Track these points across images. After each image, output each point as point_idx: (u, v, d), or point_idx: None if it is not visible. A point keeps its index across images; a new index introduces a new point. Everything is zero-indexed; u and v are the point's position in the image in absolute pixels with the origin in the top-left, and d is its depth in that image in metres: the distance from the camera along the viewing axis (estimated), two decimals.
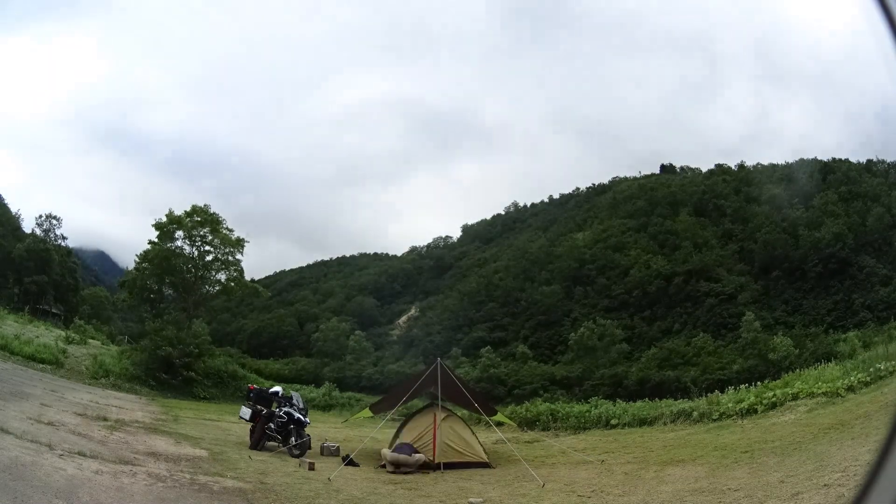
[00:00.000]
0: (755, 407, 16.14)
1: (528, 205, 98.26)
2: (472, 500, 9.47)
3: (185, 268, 36.30)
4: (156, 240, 35.88)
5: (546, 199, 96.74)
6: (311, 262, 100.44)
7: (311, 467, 11.80)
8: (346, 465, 12.70)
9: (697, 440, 14.51)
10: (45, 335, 30.69)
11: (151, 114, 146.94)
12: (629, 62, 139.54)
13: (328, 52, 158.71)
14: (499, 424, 17.44)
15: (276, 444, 14.40)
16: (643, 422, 18.94)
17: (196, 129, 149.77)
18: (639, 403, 22.62)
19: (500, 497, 10.08)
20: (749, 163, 78.36)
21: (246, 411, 15.44)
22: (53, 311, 53.73)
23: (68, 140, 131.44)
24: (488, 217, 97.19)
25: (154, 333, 30.57)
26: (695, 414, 17.69)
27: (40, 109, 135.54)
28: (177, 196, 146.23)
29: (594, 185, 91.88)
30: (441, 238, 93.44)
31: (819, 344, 42.14)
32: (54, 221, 59.11)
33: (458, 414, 15.71)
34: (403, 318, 76.27)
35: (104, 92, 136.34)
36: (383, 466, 12.91)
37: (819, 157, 69.48)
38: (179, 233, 36.09)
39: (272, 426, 14.55)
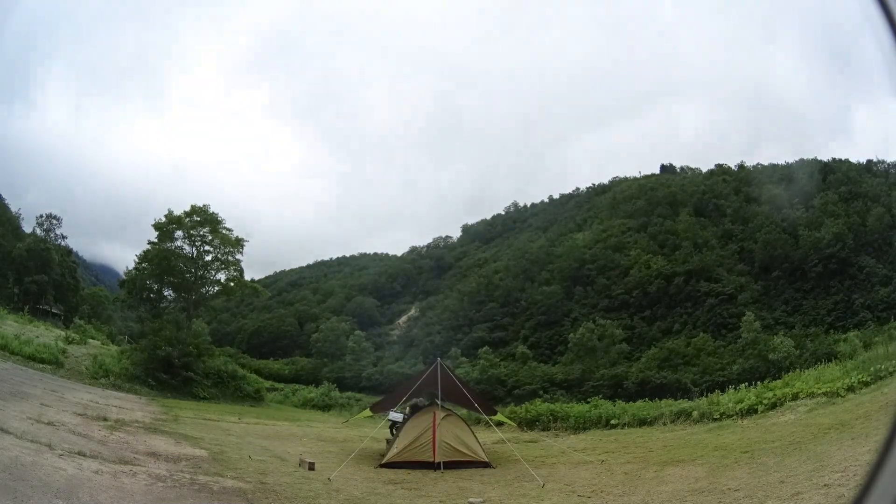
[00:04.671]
0: (755, 407, 16.11)
1: (528, 205, 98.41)
2: (472, 500, 9.47)
3: (184, 268, 36.29)
4: (155, 240, 35.91)
5: (546, 199, 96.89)
6: (311, 263, 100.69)
7: (311, 467, 11.79)
8: None
9: (697, 440, 14.49)
10: (45, 335, 30.63)
11: None
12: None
13: None
14: (499, 424, 17.44)
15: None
16: (643, 422, 18.89)
17: None
18: (639, 403, 22.59)
19: (500, 497, 10.07)
20: (749, 163, 78.52)
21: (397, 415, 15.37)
22: (53, 311, 53.68)
23: None
24: (488, 217, 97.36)
25: (153, 333, 30.54)
26: (695, 414, 17.65)
27: None
28: None
29: (594, 185, 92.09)
30: (441, 238, 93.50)
31: (819, 344, 42.18)
32: (54, 221, 59.13)
33: (458, 414, 15.71)
34: (403, 318, 76.28)
35: None
36: (383, 465, 12.94)
37: (819, 157, 69.67)
38: (179, 233, 36.09)
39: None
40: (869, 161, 66.70)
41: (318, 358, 60.85)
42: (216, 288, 38.79)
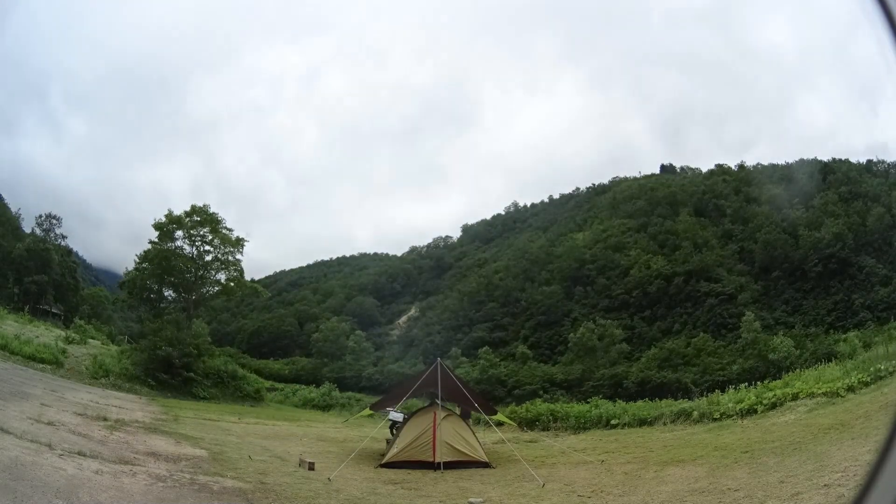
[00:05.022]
0: (755, 407, 16.12)
1: (528, 205, 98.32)
2: (472, 500, 9.48)
3: (185, 268, 36.32)
4: (156, 240, 35.95)
5: (546, 199, 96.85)
6: (311, 263, 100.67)
7: (311, 467, 11.79)
8: None
9: (697, 440, 14.50)
10: (45, 335, 30.65)
11: None
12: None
13: None
14: (499, 424, 17.45)
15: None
16: (643, 422, 18.91)
17: None
18: (639, 403, 22.62)
19: (500, 497, 10.07)
20: (749, 163, 78.52)
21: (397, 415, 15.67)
22: (53, 311, 53.66)
23: None
24: (488, 217, 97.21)
25: (153, 333, 30.55)
26: (695, 414, 17.67)
27: None
28: None
29: (594, 185, 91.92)
30: (441, 238, 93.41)
31: (819, 344, 42.18)
32: (54, 221, 59.12)
33: (458, 414, 15.71)
34: (403, 318, 76.25)
35: None
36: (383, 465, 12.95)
37: (819, 157, 69.65)
38: (179, 233, 36.14)
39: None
40: (869, 161, 66.73)
41: (318, 358, 60.83)
42: (216, 288, 38.86)
